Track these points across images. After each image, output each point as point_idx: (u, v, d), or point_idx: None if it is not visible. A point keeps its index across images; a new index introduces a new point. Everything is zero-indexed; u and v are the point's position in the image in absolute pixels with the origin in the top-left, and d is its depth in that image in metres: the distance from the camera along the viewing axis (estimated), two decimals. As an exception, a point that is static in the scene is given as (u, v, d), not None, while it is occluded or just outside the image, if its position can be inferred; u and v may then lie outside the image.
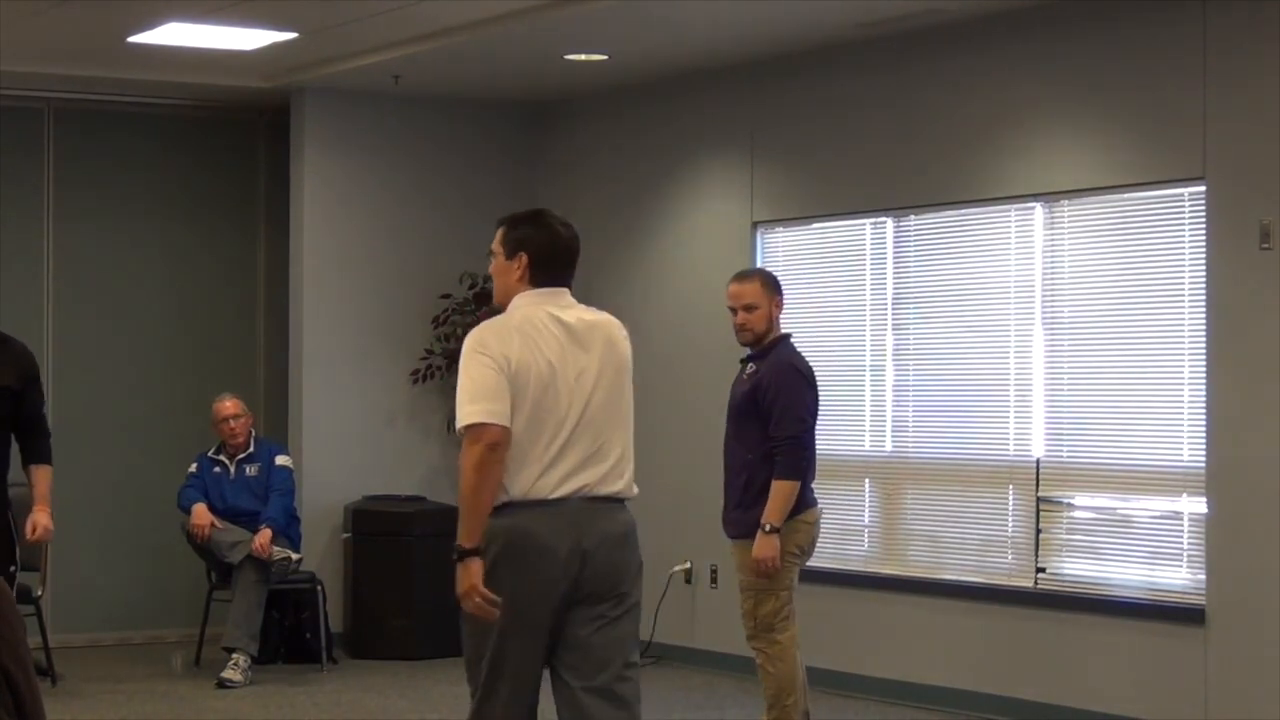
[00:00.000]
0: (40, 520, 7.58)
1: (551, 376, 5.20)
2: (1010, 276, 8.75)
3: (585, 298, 11.93)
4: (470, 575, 5.29)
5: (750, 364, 7.32)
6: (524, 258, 5.32)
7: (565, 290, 5.38)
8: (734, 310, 7.31)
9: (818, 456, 7.38)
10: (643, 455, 11.03)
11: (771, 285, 7.32)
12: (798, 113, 9.75)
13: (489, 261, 5.43)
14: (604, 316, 5.44)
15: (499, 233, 5.40)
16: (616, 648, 5.39)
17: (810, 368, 7.28)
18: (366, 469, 10.93)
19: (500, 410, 5.14)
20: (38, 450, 7.75)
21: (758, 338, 7.27)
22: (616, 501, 5.37)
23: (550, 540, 5.19)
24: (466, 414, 5.19)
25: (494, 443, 5.18)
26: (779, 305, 7.29)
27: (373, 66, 10.00)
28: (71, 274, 11.01)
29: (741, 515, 7.16)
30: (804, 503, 7.18)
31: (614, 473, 5.37)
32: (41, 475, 7.67)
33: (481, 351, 5.16)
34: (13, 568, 7.47)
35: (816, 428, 7.31)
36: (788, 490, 7.04)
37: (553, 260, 5.36)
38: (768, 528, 7.04)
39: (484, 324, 5.28)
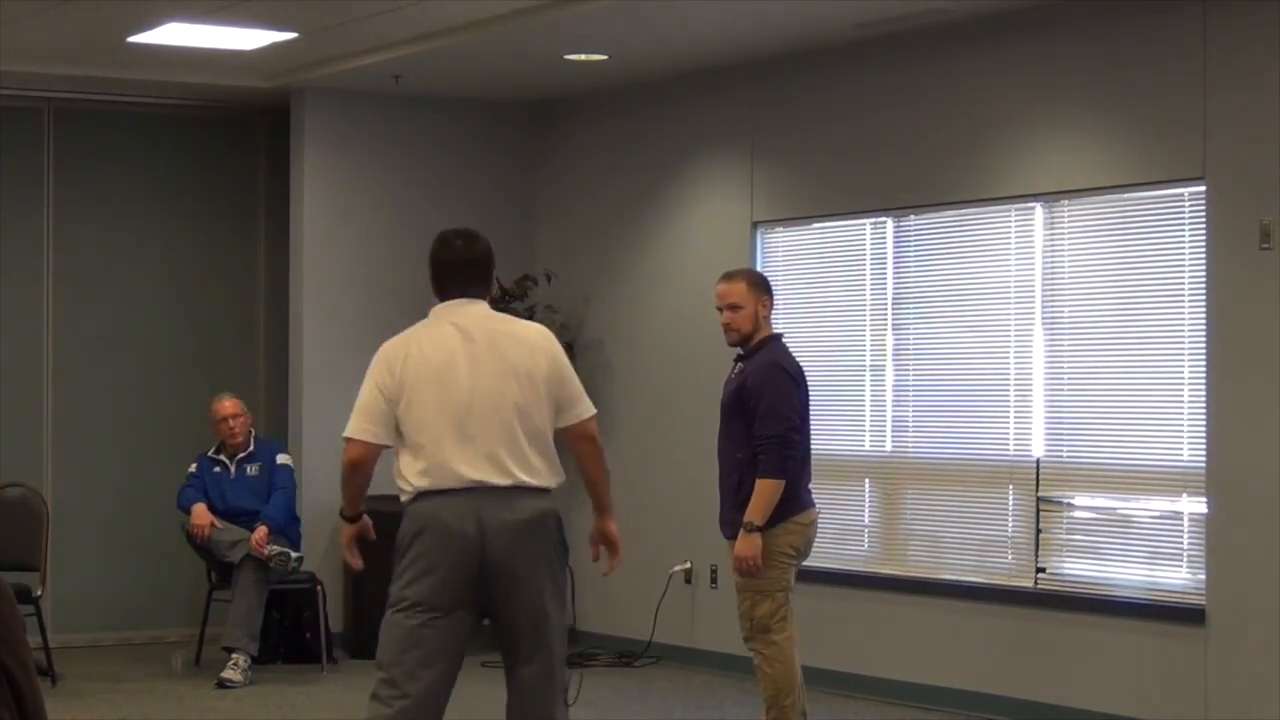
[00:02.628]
0: None
1: (446, 380, 5.66)
2: (1010, 276, 8.75)
3: (585, 297, 12.02)
4: (347, 533, 6.43)
5: (739, 363, 7.32)
6: (431, 274, 5.86)
7: (473, 300, 5.80)
8: (720, 310, 7.31)
9: (817, 456, 7.37)
10: (643, 455, 11.10)
11: (758, 285, 7.30)
12: (798, 113, 9.75)
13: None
14: (513, 322, 5.89)
15: None
16: (527, 631, 5.69)
17: (799, 367, 7.25)
18: (366, 469, 10.92)
19: (371, 430, 5.84)
20: None
21: (744, 337, 7.26)
22: (521, 490, 5.64)
23: (450, 525, 5.65)
24: (349, 425, 5.96)
25: (356, 460, 6.01)
26: (767, 305, 7.27)
27: (373, 66, 10.00)
28: (71, 274, 11.01)
29: (736, 516, 7.15)
30: (800, 504, 7.17)
31: (509, 463, 5.64)
32: None
33: (376, 366, 5.84)
34: None
35: (814, 428, 7.30)
36: (771, 489, 7.03)
37: (449, 275, 5.82)
38: (749, 527, 7.03)
39: (393, 338, 5.85)
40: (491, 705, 9.24)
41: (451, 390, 5.65)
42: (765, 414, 7.07)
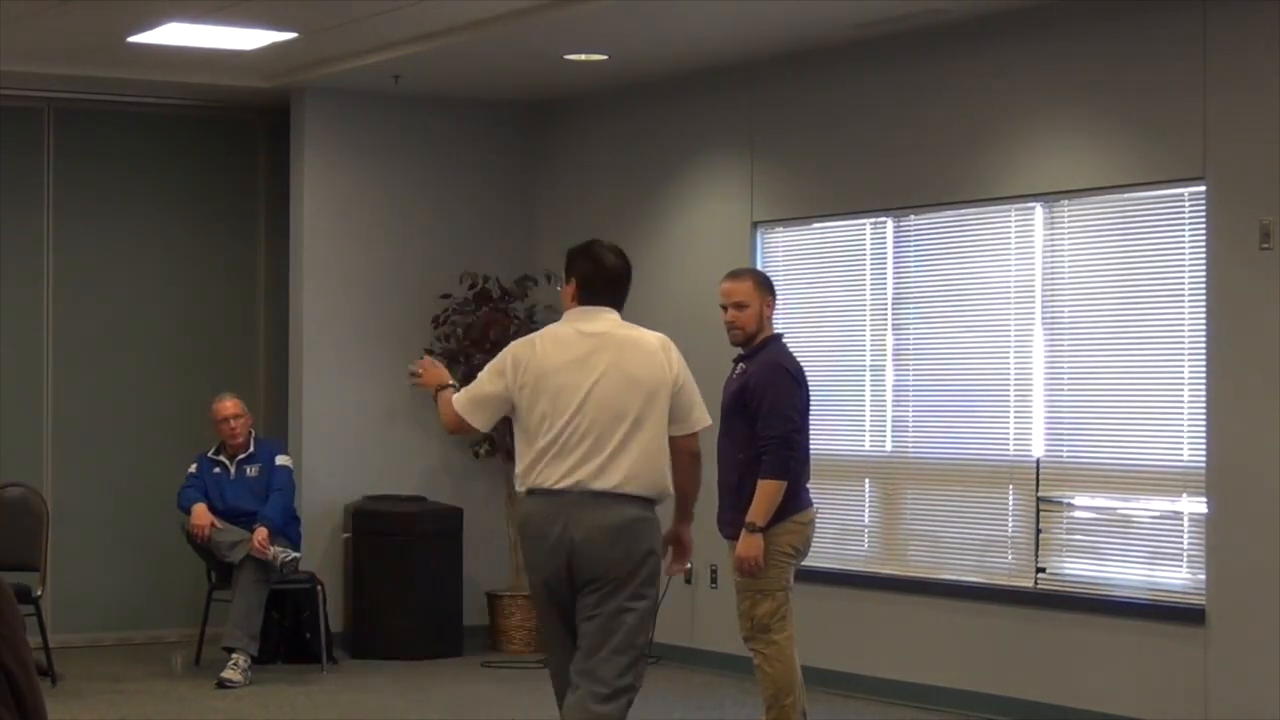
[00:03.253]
0: None
1: (566, 383, 5.81)
2: (1010, 276, 8.75)
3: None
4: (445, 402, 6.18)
5: (740, 363, 7.32)
6: (574, 281, 6.03)
7: (606, 309, 6.00)
8: (725, 308, 7.31)
9: (817, 456, 7.38)
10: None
11: (764, 285, 7.32)
12: (797, 113, 9.75)
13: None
14: (637, 331, 6.04)
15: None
16: (603, 634, 5.81)
17: (800, 367, 7.26)
18: (366, 469, 10.94)
19: (472, 411, 5.99)
20: None
21: (748, 337, 7.27)
22: (619, 497, 5.78)
23: (543, 527, 5.79)
24: (459, 395, 6.05)
25: (452, 427, 6.12)
26: (770, 305, 7.28)
27: (373, 66, 10.00)
28: (72, 274, 11.01)
29: (736, 516, 7.15)
30: (799, 503, 7.18)
31: (611, 469, 5.78)
32: None
33: (500, 359, 5.98)
34: None
35: (813, 427, 7.31)
36: (773, 490, 7.03)
37: (596, 287, 6.01)
38: (751, 527, 7.04)
39: (523, 337, 6.09)
40: (492, 705, 9.25)
41: (570, 393, 5.80)
42: (768, 415, 7.07)
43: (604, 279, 6.01)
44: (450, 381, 6.16)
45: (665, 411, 5.88)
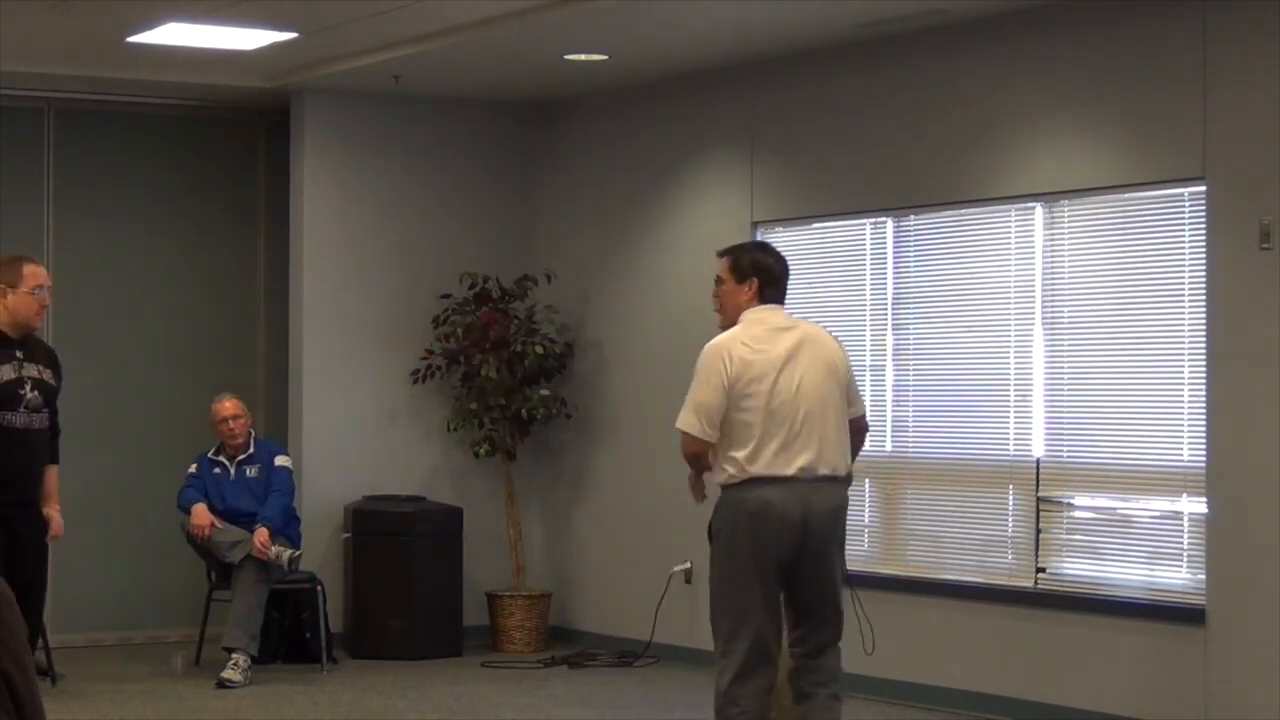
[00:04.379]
0: (58, 518, 7.74)
1: (777, 377, 6.25)
2: (1010, 276, 8.75)
3: (585, 297, 12.01)
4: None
5: None
6: (754, 282, 6.38)
7: (779, 306, 6.45)
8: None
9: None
10: (643, 455, 11.09)
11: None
12: (797, 112, 9.75)
13: (717, 286, 6.50)
14: (816, 328, 6.51)
15: (725, 261, 6.48)
16: (827, 603, 6.44)
17: None
18: (366, 469, 10.94)
19: (704, 429, 6.32)
20: (55, 450, 7.96)
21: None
22: (833, 480, 6.34)
23: (784, 510, 6.22)
24: (681, 419, 6.38)
25: (696, 454, 6.41)
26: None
27: (373, 66, 10.00)
28: (72, 274, 10.99)
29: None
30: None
31: (826, 454, 6.30)
32: (55, 474, 7.86)
33: (709, 367, 6.31)
34: None
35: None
36: None
37: (776, 283, 6.45)
38: None
39: (723, 336, 6.38)
40: (492, 705, 9.25)
41: (787, 387, 6.24)
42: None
43: (780, 278, 6.46)
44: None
45: (845, 396, 6.39)
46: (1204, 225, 7.86)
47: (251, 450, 10.23)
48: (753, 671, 6.31)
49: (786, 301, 6.72)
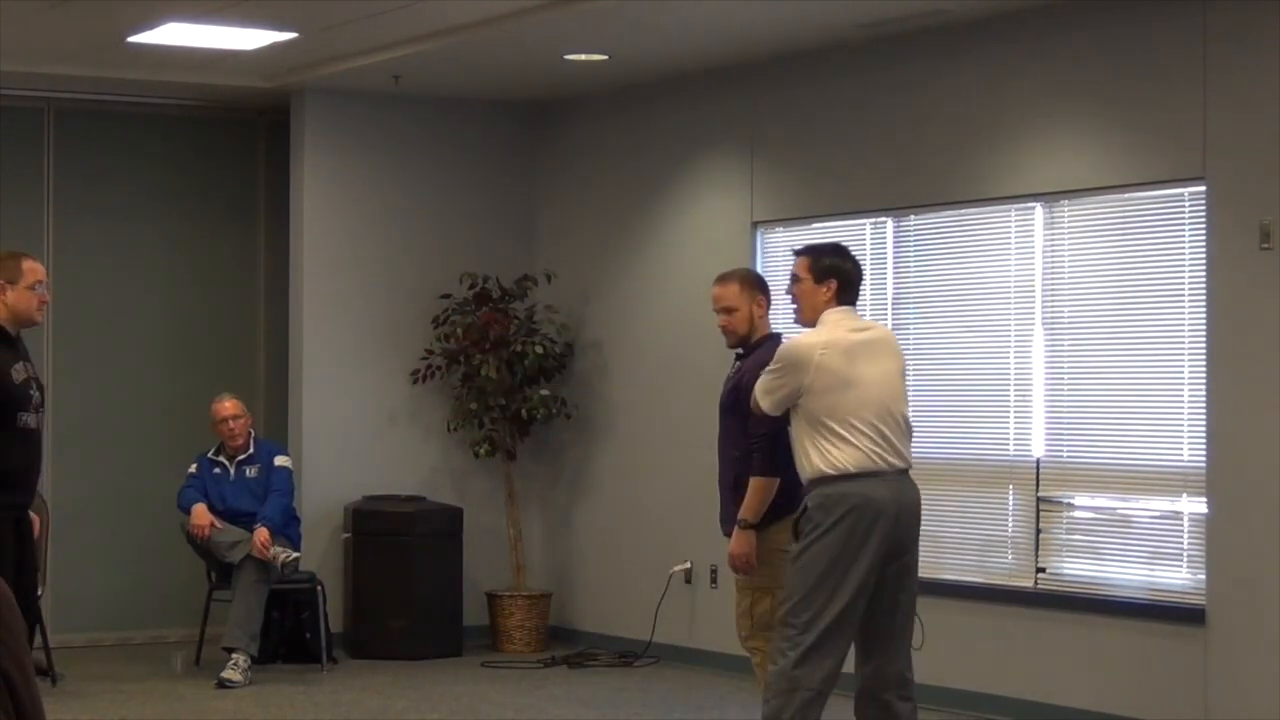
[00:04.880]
0: (36, 519, 7.68)
1: (860, 376, 6.49)
2: (1010, 276, 8.75)
3: (585, 297, 11.99)
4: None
5: (737, 361, 7.33)
6: (833, 283, 6.61)
7: (854, 308, 6.70)
8: (717, 312, 7.33)
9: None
10: (643, 455, 11.08)
11: (753, 285, 7.30)
12: (798, 113, 9.75)
13: (794, 284, 6.71)
14: (885, 329, 6.98)
15: (804, 260, 6.68)
16: (909, 596, 6.66)
17: None
18: (366, 469, 10.94)
19: (774, 409, 6.65)
20: None
21: (741, 339, 7.27)
22: (908, 474, 6.62)
23: (884, 506, 6.45)
24: (761, 401, 6.67)
25: (756, 418, 6.73)
26: (762, 305, 7.27)
27: (373, 66, 10.00)
28: (71, 274, 11.00)
29: (733, 513, 7.15)
30: (798, 502, 7.18)
31: (904, 450, 6.58)
32: None
33: (790, 362, 6.55)
34: None
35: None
36: (763, 487, 7.03)
37: (853, 286, 6.69)
38: (742, 524, 7.04)
39: (810, 335, 6.62)
40: (492, 705, 9.25)
41: (874, 386, 6.50)
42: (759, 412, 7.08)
43: (857, 282, 6.72)
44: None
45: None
46: (1204, 225, 7.86)
47: (251, 450, 10.23)
48: (825, 654, 6.47)
49: (787, 301, 6.75)
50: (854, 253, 6.81)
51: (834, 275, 6.64)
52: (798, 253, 6.79)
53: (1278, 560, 7.56)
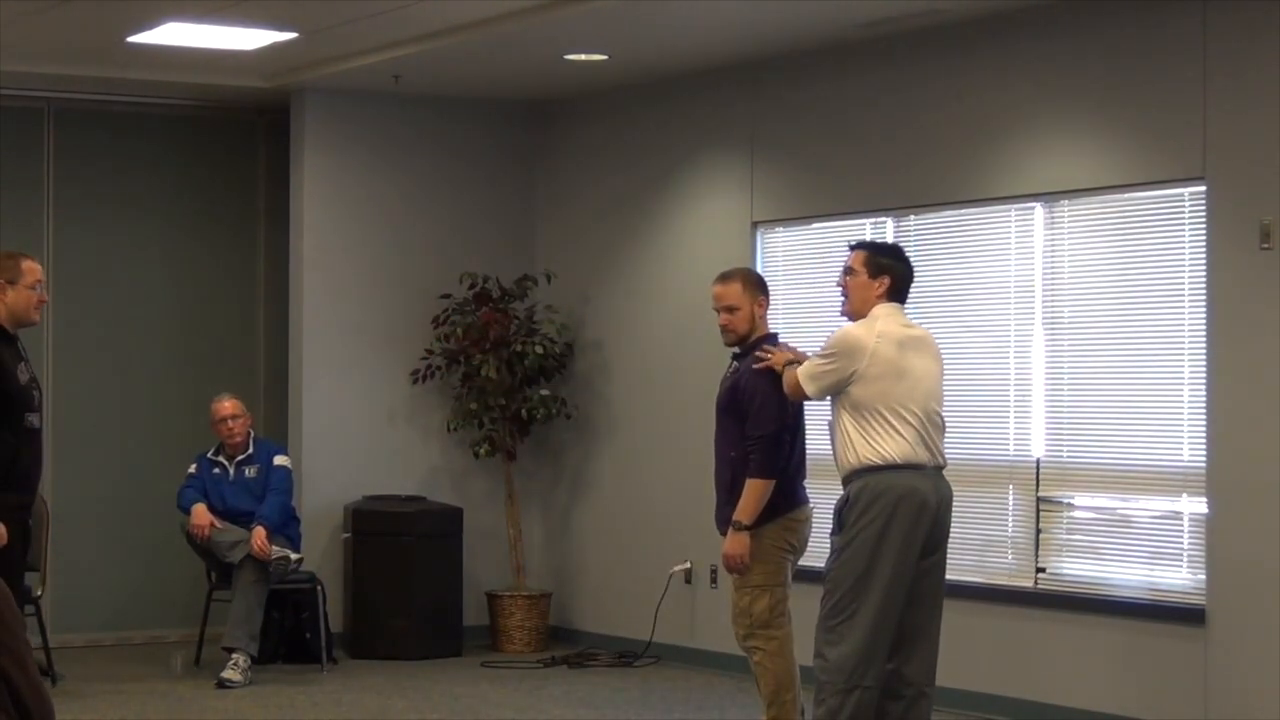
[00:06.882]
0: None
1: (908, 371, 6.74)
2: (1010, 276, 8.76)
3: (585, 297, 11.99)
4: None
5: (734, 361, 7.34)
6: (886, 280, 6.81)
7: (902, 306, 6.89)
8: (717, 311, 7.33)
9: (818, 457, 7.37)
10: (643, 455, 11.08)
11: (754, 285, 7.32)
12: (798, 113, 9.75)
13: (847, 276, 6.90)
14: (928, 332, 7.01)
15: (861, 255, 6.88)
16: (939, 586, 6.93)
17: None
18: (366, 469, 10.94)
19: (811, 386, 6.83)
20: None
21: (740, 338, 7.28)
22: (942, 471, 6.84)
23: (925, 498, 6.68)
24: (810, 388, 6.83)
25: (792, 394, 6.96)
26: (763, 305, 7.29)
27: (373, 66, 10.01)
28: (71, 274, 11.00)
29: (730, 513, 7.16)
30: (793, 501, 7.20)
31: (942, 446, 6.85)
32: None
33: (842, 349, 6.75)
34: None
35: (814, 428, 7.31)
36: (760, 488, 7.04)
37: (906, 285, 6.92)
38: (737, 525, 7.05)
39: (858, 324, 6.82)
40: (492, 705, 9.25)
41: (920, 382, 6.76)
42: (757, 413, 7.09)
43: (909, 283, 6.92)
44: (793, 359, 7.00)
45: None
46: (1204, 225, 7.86)
47: (251, 450, 10.23)
48: (875, 648, 6.68)
49: (786, 301, 6.74)
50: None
51: (888, 274, 6.83)
52: (854, 246, 6.97)
53: (1278, 560, 7.56)
